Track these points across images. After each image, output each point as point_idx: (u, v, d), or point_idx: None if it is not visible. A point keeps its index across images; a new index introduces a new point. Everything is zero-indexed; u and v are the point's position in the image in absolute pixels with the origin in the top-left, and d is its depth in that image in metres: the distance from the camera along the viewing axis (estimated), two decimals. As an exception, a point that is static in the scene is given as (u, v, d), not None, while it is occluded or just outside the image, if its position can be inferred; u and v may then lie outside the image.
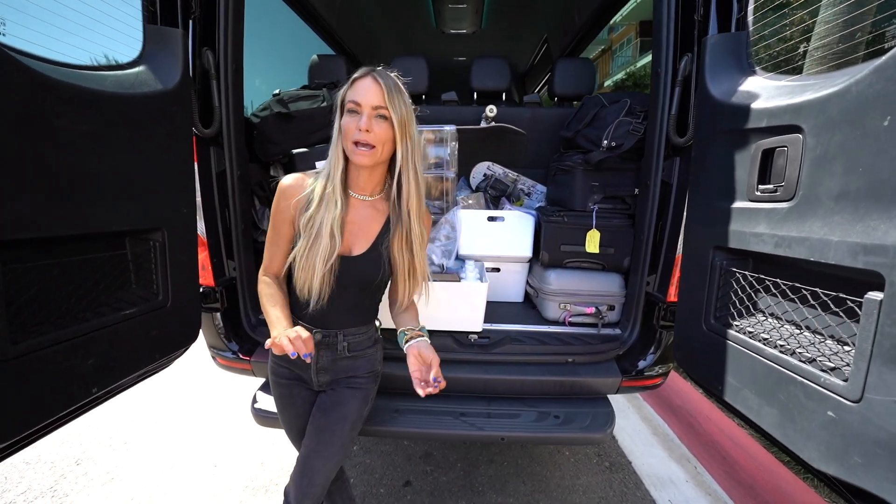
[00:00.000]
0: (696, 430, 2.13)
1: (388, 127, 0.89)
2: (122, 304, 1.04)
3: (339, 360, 1.05)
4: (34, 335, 0.80)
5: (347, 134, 0.89)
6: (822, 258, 0.72)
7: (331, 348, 1.03)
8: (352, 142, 0.89)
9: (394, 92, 0.88)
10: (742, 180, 0.96)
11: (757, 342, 0.90)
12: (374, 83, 0.88)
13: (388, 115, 0.88)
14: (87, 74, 0.95)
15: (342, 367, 1.06)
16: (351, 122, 0.88)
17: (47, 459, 1.88)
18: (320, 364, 1.04)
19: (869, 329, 0.65)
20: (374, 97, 0.87)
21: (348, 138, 0.89)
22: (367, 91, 0.88)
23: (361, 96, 0.88)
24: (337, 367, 1.05)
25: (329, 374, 1.06)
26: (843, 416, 0.69)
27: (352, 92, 0.89)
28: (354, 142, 0.89)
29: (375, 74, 0.89)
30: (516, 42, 3.74)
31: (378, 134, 0.88)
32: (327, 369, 1.05)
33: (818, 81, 0.80)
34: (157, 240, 1.12)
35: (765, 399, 0.87)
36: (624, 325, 1.52)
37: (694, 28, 1.20)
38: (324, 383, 1.07)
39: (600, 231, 1.53)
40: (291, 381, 1.07)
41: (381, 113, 0.88)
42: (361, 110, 0.88)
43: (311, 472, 1.01)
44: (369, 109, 0.88)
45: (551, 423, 1.31)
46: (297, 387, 1.08)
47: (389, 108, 0.88)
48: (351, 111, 0.89)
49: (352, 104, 0.89)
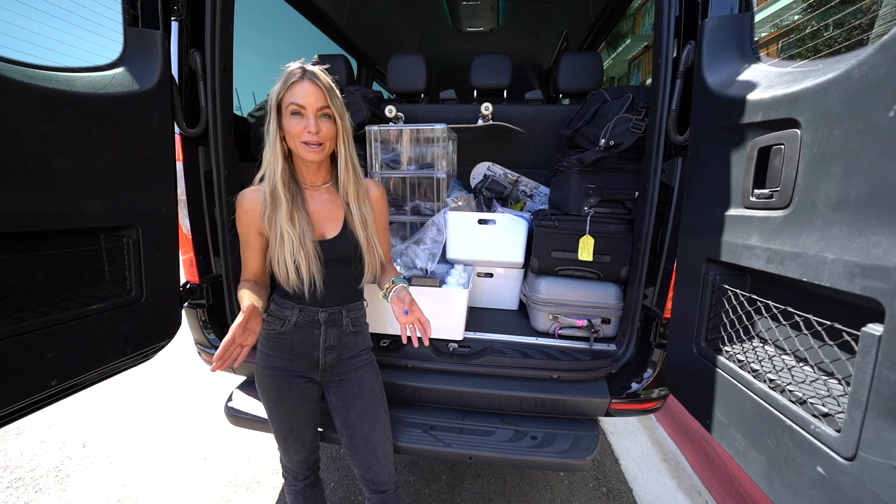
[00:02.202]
0: (711, 459, 1.93)
1: (332, 124, 0.95)
2: (89, 299, 1.05)
3: (343, 337, 1.08)
4: None
5: (295, 135, 0.93)
6: (816, 279, 0.60)
7: (336, 325, 1.07)
8: (301, 142, 0.94)
9: (331, 91, 0.93)
10: (738, 183, 0.83)
11: (746, 373, 0.77)
12: (312, 86, 0.91)
13: (331, 114, 0.94)
14: (57, 76, 0.97)
15: (346, 343, 1.09)
16: (297, 124, 0.93)
17: (58, 439, 1.99)
18: (328, 343, 1.07)
19: (865, 370, 0.52)
20: (317, 99, 0.92)
21: (296, 139, 0.94)
22: (308, 94, 0.91)
23: (304, 99, 0.91)
24: (341, 343, 1.09)
25: (335, 352, 1.08)
26: (833, 475, 0.56)
27: (291, 95, 0.92)
28: (304, 142, 0.93)
29: (311, 77, 0.92)
30: (536, 38, 3.61)
31: (324, 132, 0.94)
32: (333, 347, 1.08)
33: (821, 66, 0.66)
34: (130, 237, 1.13)
35: (752, 442, 0.74)
36: (619, 341, 1.39)
37: (698, 12, 1.06)
38: (329, 363, 1.08)
39: (595, 237, 1.41)
40: (290, 374, 1.07)
41: (324, 112, 0.94)
42: (307, 112, 0.92)
43: (376, 450, 1.09)
44: (314, 111, 0.92)
45: (526, 445, 1.21)
46: (296, 379, 1.07)
47: (332, 107, 0.94)
48: (295, 113, 0.93)
49: (295, 106, 0.92)
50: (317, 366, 1.07)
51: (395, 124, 1.78)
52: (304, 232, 0.97)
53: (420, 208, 1.77)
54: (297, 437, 1.11)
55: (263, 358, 1.08)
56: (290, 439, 1.11)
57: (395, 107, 1.80)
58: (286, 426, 1.09)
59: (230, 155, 1.49)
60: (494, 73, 1.94)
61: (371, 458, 1.10)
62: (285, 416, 1.08)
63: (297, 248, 0.96)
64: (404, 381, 1.35)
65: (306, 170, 1.02)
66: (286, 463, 1.17)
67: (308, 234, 0.98)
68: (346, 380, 1.10)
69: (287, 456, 1.14)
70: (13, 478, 1.74)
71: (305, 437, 1.12)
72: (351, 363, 1.10)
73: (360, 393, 1.10)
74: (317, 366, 1.07)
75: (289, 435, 1.10)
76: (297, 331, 1.05)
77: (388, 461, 1.12)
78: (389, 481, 1.12)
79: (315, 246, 0.99)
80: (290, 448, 1.12)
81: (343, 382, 1.10)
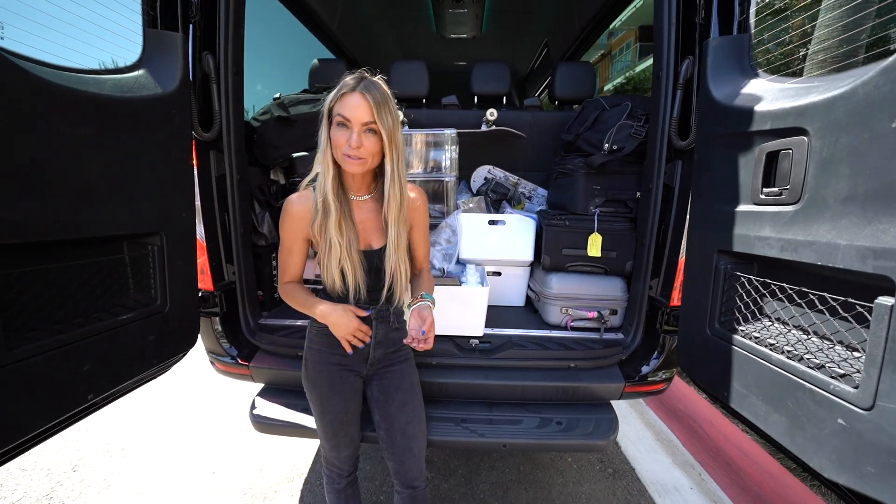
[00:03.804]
0: (700, 436, 2.11)
1: (377, 140, 0.93)
2: (119, 309, 1.02)
3: (389, 333, 1.12)
4: (29, 341, 0.79)
5: (338, 146, 0.92)
6: (830, 262, 0.71)
7: (384, 321, 1.10)
8: (343, 154, 0.93)
9: (381, 106, 0.90)
10: (746, 183, 0.95)
11: (763, 347, 0.89)
12: (362, 99, 0.89)
13: (377, 129, 0.92)
14: (86, 78, 0.94)
15: (391, 338, 1.13)
16: (341, 136, 0.91)
17: (44, 466, 1.86)
18: (377, 338, 1.09)
19: (879, 335, 0.63)
20: (364, 114, 0.89)
21: (339, 150, 0.93)
22: (355, 108, 0.89)
23: (350, 112, 0.90)
24: (388, 339, 1.12)
25: (382, 348, 1.11)
26: (854, 424, 0.67)
27: (340, 106, 0.91)
28: (346, 154, 0.92)
29: (363, 90, 0.90)
30: (516, 46, 3.75)
31: (367, 148, 0.92)
32: (381, 342, 1.11)
33: (822, 84, 0.79)
34: (155, 244, 1.11)
35: (772, 406, 0.86)
36: (626, 330, 1.51)
37: (695, 31, 1.19)
38: (377, 359, 1.12)
39: (602, 235, 1.52)
40: (342, 369, 1.10)
41: (370, 128, 0.91)
42: (351, 125, 0.90)
43: (411, 444, 1.12)
44: (359, 126, 0.90)
45: (554, 430, 1.29)
46: (347, 373, 1.11)
47: (378, 123, 0.90)
48: (340, 125, 0.92)
49: (341, 118, 0.91)
50: (366, 360, 1.11)
51: (403, 129, 1.82)
52: (351, 242, 0.99)
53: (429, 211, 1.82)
54: (347, 432, 1.14)
55: (316, 354, 1.10)
56: (341, 433, 1.13)
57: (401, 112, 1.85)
58: (338, 420, 1.11)
59: (242, 160, 1.47)
60: (494, 81, 2.03)
61: (406, 452, 1.13)
62: (338, 410, 1.11)
63: (343, 256, 0.98)
64: (431, 377, 1.39)
65: (351, 179, 1.02)
66: (333, 460, 1.19)
67: (354, 243, 1.00)
68: (388, 372, 1.14)
69: (335, 452, 1.16)
70: (-1, 509, 1.61)
71: (353, 432, 1.16)
72: (395, 356, 1.15)
73: (401, 385, 1.14)
74: (366, 360, 1.11)
75: (339, 429, 1.13)
76: None
77: (421, 456, 1.16)
78: (421, 477, 1.17)
79: (360, 256, 1.01)
80: (339, 443, 1.14)
81: (385, 375, 1.14)
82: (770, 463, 1.75)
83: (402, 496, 1.16)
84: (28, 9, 0.92)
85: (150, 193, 1.06)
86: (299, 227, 1.02)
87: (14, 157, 0.73)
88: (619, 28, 15.99)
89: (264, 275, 1.69)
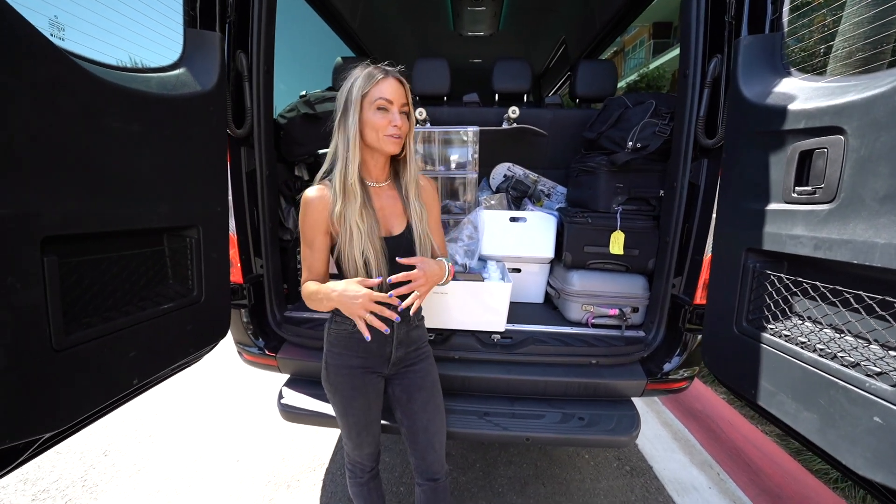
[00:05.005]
0: (718, 435, 2.10)
1: (407, 121, 1.03)
2: (160, 299, 1.07)
3: (411, 331, 1.14)
4: (84, 327, 0.84)
5: (380, 128, 0.99)
6: (867, 261, 0.71)
7: (406, 320, 1.11)
8: (385, 135, 0.99)
9: (409, 91, 1.03)
10: (777, 182, 0.95)
11: (793, 346, 0.89)
12: (398, 83, 1.00)
13: (409, 111, 1.03)
14: (135, 76, 0.98)
15: (412, 337, 1.15)
16: (383, 118, 0.98)
17: (76, 450, 1.93)
18: (399, 337, 1.11)
19: (919, 333, 0.63)
20: (401, 96, 1.00)
21: (380, 132, 0.99)
22: (395, 91, 0.99)
23: (391, 94, 0.98)
24: (409, 338, 1.14)
25: (403, 347, 1.13)
26: (891, 421, 0.68)
27: (378, 90, 0.97)
28: (388, 135, 1.00)
29: (396, 75, 1.00)
30: (533, 44, 3.74)
31: (403, 127, 1.01)
32: (403, 341, 1.12)
33: (860, 83, 0.79)
34: (192, 237, 1.15)
35: (803, 403, 0.86)
36: (648, 328, 1.51)
37: (724, 29, 1.19)
38: (398, 358, 1.13)
39: (624, 232, 1.53)
40: (364, 371, 1.10)
41: (404, 109, 1.01)
42: (392, 108, 0.99)
43: (433, 440, 1.15)
44: (399, 106, 1.00)
45: (576, 425, 1.31)
46: (369, 375, 1.11)
47: (410, 105, 1.03)
48: (381, 108, 0.98)
49: (383, 101, 0.98)
50: (388, 361, 1.11)
51: (424, 126, 1.84)
52: (372, 228, 1.00)
53: (450, 207, 1.84)
54: (369, 431, 1.15)
55: (336, 357, 1.10)
56: (364, 433, 1.14)
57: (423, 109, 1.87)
58: (361, 421, 1.12)
59: (271, 156, 1.52)
60: (516, 78, 2.04)
61: (428, 448, 1.16)
62: (360, 411, 1.11)
63: (365, 243, 0.99)
64: (454, 371, 1.41)
65: (374, 164, 1.05)
66: (356, 457, 1.20)
67: (375, 230, 1.01)
68: (410, 371, 1.15)
69: (358, 450, 1.18)
70: (37, 490, 1.69)
71: (375, 430, 1.18)
72: (416, 355, 1.16)
73: (423, 384, 1.16)
74: (388, 361, 1.11)
75: (363, 430, 1.14)
76: (369, 329, 1.06)
77: (442, 451, 1.19)
78: (442, 470, 1.19)
79: (382, 243, 1.02)
80: (362, 442, 1.16)
81: (408, 374, 1.15)
82: (790, 463, 1.74)
83: (423, 489, 1.18)
84: (83, 10, 0.96)
85: (189, 187, 1.10)
86: (321, 219, 1.02)
87: (80, 152, 0.77)
88: (633, 25, 15.76)
89: (289, 269, 1.73)
